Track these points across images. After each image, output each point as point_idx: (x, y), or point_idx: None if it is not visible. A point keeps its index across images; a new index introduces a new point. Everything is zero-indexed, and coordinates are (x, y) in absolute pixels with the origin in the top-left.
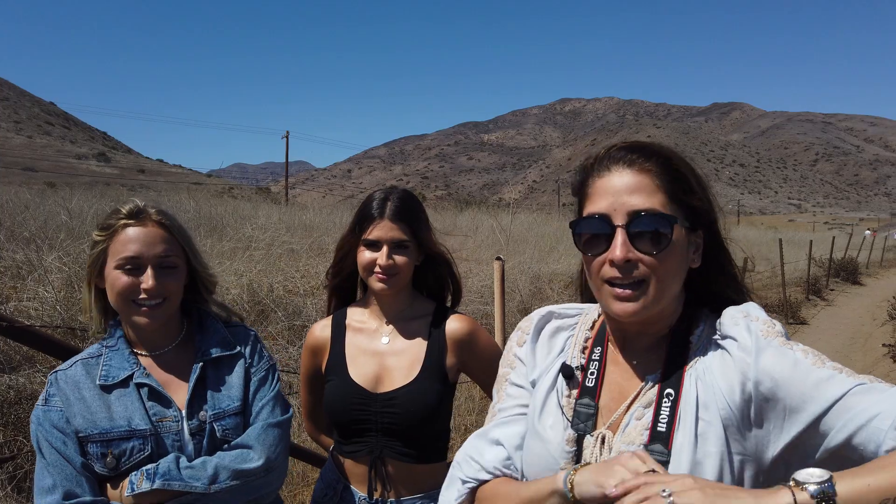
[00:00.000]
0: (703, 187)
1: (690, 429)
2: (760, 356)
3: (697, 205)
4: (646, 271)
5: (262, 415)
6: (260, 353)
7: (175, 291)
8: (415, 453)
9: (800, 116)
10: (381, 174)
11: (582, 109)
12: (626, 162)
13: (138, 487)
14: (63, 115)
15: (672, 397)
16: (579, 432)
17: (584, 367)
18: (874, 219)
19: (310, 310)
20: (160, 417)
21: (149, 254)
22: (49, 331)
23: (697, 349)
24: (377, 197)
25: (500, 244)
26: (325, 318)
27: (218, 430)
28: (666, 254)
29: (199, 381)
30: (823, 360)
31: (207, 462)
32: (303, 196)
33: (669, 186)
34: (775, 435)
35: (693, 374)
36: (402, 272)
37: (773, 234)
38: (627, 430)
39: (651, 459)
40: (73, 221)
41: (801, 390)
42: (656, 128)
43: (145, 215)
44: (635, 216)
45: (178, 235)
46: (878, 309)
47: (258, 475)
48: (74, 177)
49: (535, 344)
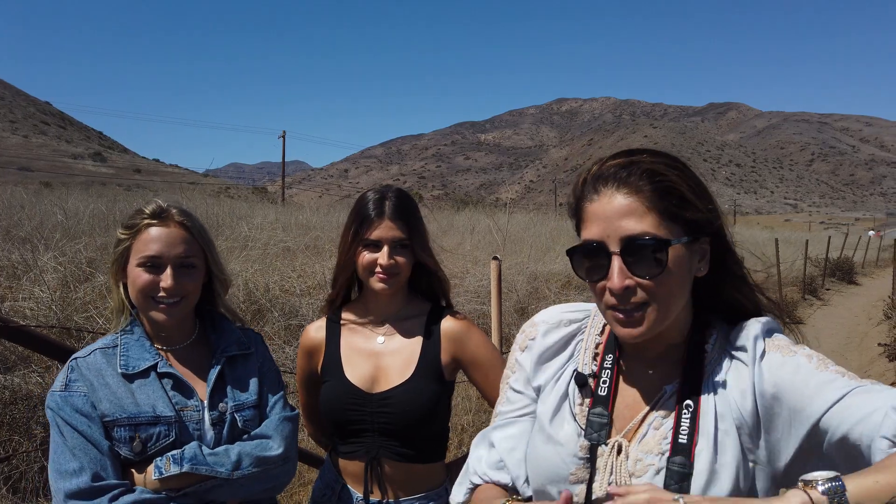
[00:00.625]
0: (701, 195)
1: (710, 440)
2: (763, 364)
3: (695, 216)
4: (644, 296)
5: (276, 409)
6: (266, 355)
7: (193, 291)
8: (412, 453)
9: (796, 116)
10: (377, 174)
11: (579, 109)
12: (613, 182)
13: (166, 471)
14: (59, 114)
15: (692, 409)
16: (592, 441)
17: (597, 375)
18: (870, 218)
19: (306, 310)
20: (182, 406)
21: (169, 254)
22: (44, 331)
23: (712, 359)
24: (373, 197)
25: (497, 244)
26: (319, 320)
27: (239, 420)
28: (664, 276)
29: (218, 375)
30: (827, 363)
31: (231, 449)
32: (299, 196)
33: (661, 203)
34: (785, 441)
35: (709, 385)
36: (402, 271)
37: (770, 234)
38: (645, 439)
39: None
40: (68, 221)
41: (802, 394)
42: (653, 128)
43: (168, 215)
44: (629, 242)
45: (198, 236)
46: (874, 308)
47: (277, 463)
48: (70, 176)
49: (540, 350)
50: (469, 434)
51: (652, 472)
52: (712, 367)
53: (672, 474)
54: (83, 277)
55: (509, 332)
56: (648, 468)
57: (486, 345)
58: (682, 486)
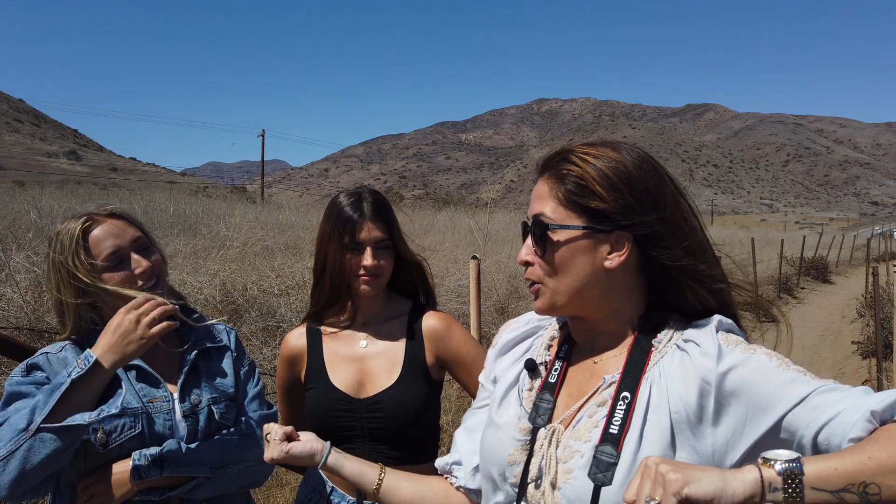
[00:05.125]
0: (617, 188)
1: (637, 431)
2: (722, 360)
3: (599, 206)
4: (537, 272)
5: (254, 406)
6: (241, 349)
7: (161, 270)
8: (403, 456)
9: (771, 118)
10: (358, 173)
11: (559, 110)
12: (542, 169)
13: (147, 475)
14: (32, 111)
15: (628, 400)
16: (535, 425)
17: (550, 364)
18: (844, 218)
19: (284, 310)
20: (150, 398)
21: (124, 242)
22: (14, 333)
23: (659, 353)
24: (349, 200)
25: (478, 243)
26: (299, 327)
27: (216, 412)
28: (548, 256)
29: (191, 368)
30: (787, 363)
31: (211, 447)
32: (279, 195)
33: (563, 190)
34: (735, 439)
35: (649, 378)
36: (385, 272)
37: (746, 234)
38: (578, 426)
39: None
40: (42, 221)
41: (764, 392)
42: (632, 128)
43: (95, 216)
44: (533, 221)
45: (131, 219)
46: (847, 307)
47: (258, 461)
48: (44, 175)
49: (502, 343)
50: (448, 434)
51: (578, 458)
52: (658, 360)
53: (598, 463)
54: None
55: (489, 331)
56: (574, 455)
57: (469, 342)
58: (606, 475)
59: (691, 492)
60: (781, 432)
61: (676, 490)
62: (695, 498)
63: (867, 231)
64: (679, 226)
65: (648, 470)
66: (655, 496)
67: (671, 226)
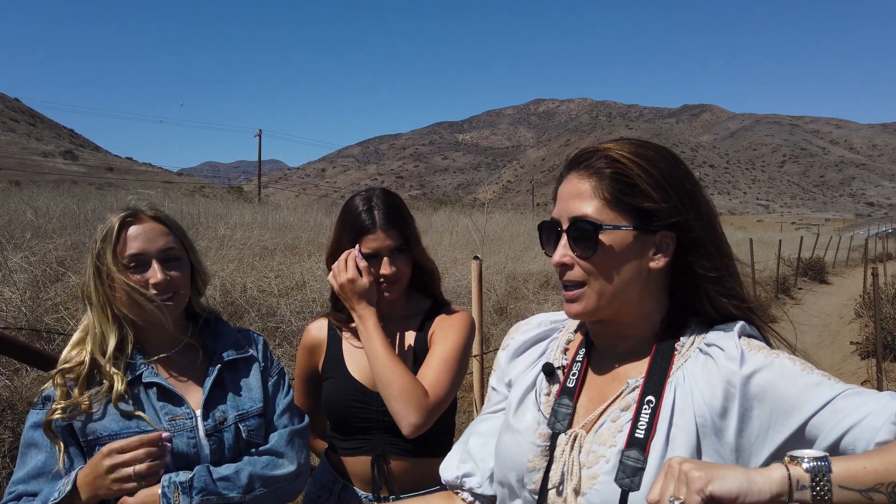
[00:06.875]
0: (661, 187)
1: (663, 435)
2: (745, 364)
3: (647, 206)
4: (581, 274)
5: (284, 420)
6: (270, 358)
7: (183, 285)
8: (417, 449)
9: (768, 119)
10: (355, 173)
11: (556, 110)
12: (574, 166)
13: (175, 502)
14: (28, 111)
15: (653, 404)
16: (554, 430)
17: (567, 368)
18: (839, 219)
19: (283, 310)
20: (172, 416)
21: (151, 248)
22: (13, 332)
23: (682, 357)
24: (361, 207)
25: (476, 244)
26: (320, 319)
27: (243, 430)
28: (597, 258)
29: (215, 382)
30: (810, 367)
31: (241, 470)
32: (276, 195)
33: (609, 189)
34: (759, 443)
35: (673, 382)
36: (403, 276)
37: (743, 235)
38: (601, 431)
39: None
40: (39, 220)
41: (788, 396)
42: (629, 129)
43: (140, 213)
44: (573, 222)
45: (174, 228)
46: (845, 307)
47: (289, 480)
48: (41, 175)
49: (515, 346)
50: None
51: (603, 463)
52: (682, 364)
53: (625, 468)
54: (54, 277)
55: (489, 331)
56: (599, 460)
57: (461, 324)
58: (633, 480)
59: (715, 489)
60: (805, 436)
61: (700, 487)
62: (719, 495)
63: (863, 232)
64: (714, 228)
65: (672, 470)
66: (680, 495)
67: (708, 229)
